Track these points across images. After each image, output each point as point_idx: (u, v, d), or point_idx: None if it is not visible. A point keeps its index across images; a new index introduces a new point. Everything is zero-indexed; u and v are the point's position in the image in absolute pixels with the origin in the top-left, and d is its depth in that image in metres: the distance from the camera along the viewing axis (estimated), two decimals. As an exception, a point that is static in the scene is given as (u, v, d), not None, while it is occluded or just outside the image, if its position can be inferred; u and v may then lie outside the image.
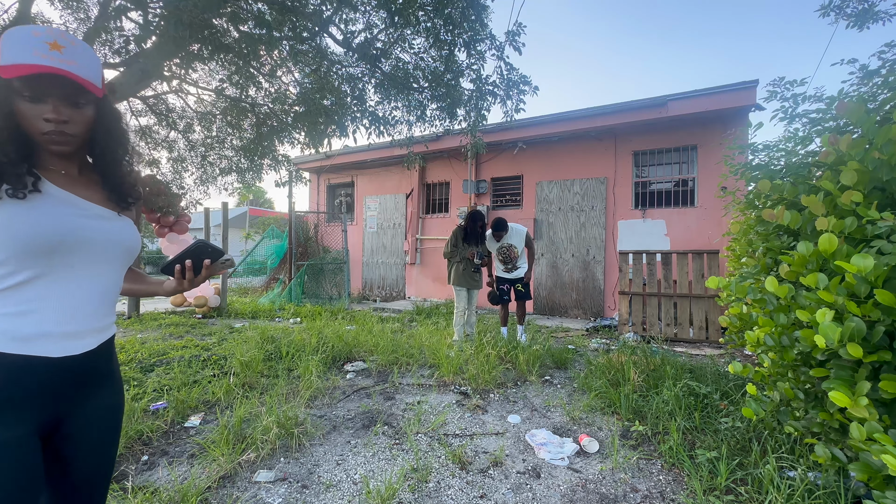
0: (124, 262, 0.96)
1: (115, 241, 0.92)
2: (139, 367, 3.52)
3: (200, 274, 1.02)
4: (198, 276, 1.02)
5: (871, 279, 1.25)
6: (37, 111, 0.81)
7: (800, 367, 1.73)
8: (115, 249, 0.92)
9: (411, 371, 3.65)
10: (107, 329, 0.95)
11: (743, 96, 5.77)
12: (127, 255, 0.96)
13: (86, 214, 0.88)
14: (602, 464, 2.14)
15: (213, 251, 1.01)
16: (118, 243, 0.92)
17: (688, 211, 6.58)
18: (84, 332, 0.87)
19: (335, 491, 1.88)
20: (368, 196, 10.03)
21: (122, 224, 0.95)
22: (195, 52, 3.75)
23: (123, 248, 0.94)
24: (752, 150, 2.90)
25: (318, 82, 4.79)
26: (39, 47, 0.78)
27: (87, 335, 0.88)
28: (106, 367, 0.96)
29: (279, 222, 16.62)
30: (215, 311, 6.73)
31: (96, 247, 0.87)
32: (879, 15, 4.61)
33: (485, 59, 4.89)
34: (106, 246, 0.89)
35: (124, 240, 0.94)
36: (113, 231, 0.92)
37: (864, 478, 1.31)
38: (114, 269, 0.93)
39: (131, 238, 0.96)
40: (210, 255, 1.01)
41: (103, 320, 0.92)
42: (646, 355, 3.49)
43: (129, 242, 0.95)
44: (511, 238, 4.64)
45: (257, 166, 6.36)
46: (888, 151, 1.42)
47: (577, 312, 7.29)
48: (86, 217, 0.87)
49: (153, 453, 2.20)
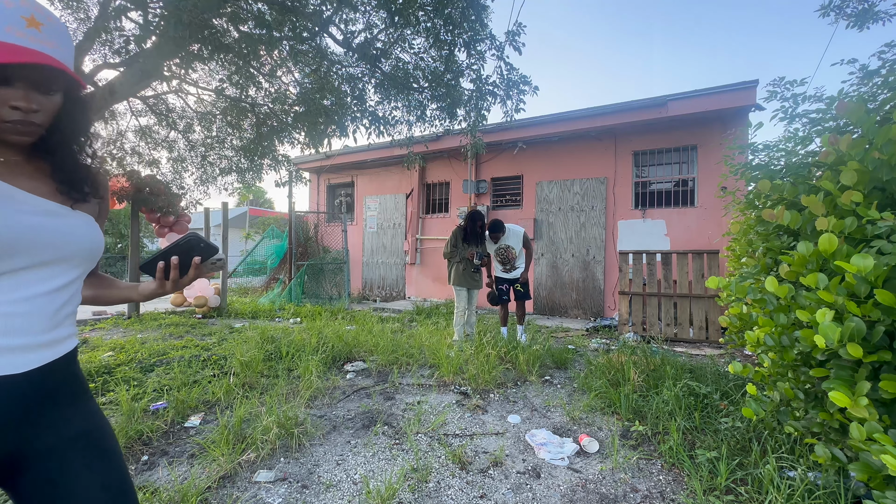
0: (81, 265, 0.82)
1: (66, 242, 0.77)
2: (139, 367, 3.53)
3: (187, 274, 0.89)
4: (184, 277, 0.89)
5: (871, 279, 1.25)
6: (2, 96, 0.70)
7: (800, 367, 1.73)
8: (66, 250, 0.77)
9: (411, 371, 3.65)
10: (62, 342, 0.79)
11: (743, 96, 5.77)
12: (84, 256, 0.81)
13: (28, 210, 0.74)
14: (602, 464, 2.14)
15: (206, 247, 0.88)
16: (70, 244, 0.78)
17: (688, 211, 6.58)
18: (32, 346, 0.73)
19: (335, 491, 1.88)
20: (368, 196, 10.03)
21: (76, 221, 0.81)
22: (195, 52, 3.75)
23: (78, 249, 0.80)
24: (752, 150, 2.90)
25: (318, 82, 4.79)
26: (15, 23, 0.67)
27: (36, 349, 0.74)
28: (68, 387, 0.81)
29: (279, 222, 16.63)
30: (215, 311, 6.73)
31: (42, 248, 0.74)
32: (879, 15, 4.61)
33: (485, 59, 4.89)
34: (55, 247, 0.76)
35: (77, 239, 0.80)
36: (63, 229, 0.77)
37: (864, 478, 1.31)
38: (67, 273, 0.79)
39: (86, 237, 0.82)
40: (201, 252, 0.88)
41: (57, 332, 0.78)
42: (646, 355, 3.49)
43: (85, 242, 0.81)
44: (508, 239, 4.65)
45: (257, 166, 6.36)
46: (888, 151, 1.42)
47: (577, 312, 7.29)
48: (28, 213, 0.73)
49: (153, 453, 2.20)
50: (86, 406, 0.83)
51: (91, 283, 0.96)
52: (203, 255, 0.89)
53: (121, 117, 6.34)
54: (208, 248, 0.89)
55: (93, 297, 0.96)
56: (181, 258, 0.87)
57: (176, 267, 0.87)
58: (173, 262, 0.87)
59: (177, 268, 0.87)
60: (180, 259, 0.87)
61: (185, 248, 0.87)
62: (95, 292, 0.96)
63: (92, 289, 0.96)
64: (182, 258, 0.87)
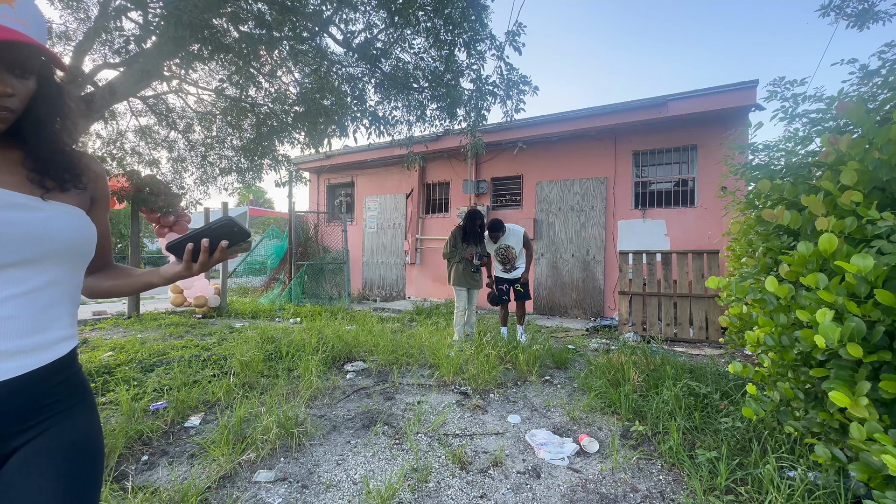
0: (64, 261, 0.74)
1: (38, 237, 0.69)
2: (139, 367, 3.53)
3: (213, 256, 0.85)
4: (210, 258, 0.85)
5: (871, 279, 1.25)
6: None
7: (800, 367, 1.73)
8: (39, 247, 0.69)
9: (411, 371, 3.65)
10: (52, 346, 0.72)
11: (743, 96, 5.77)
12: (65, 252, 0.73)
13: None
14: (602, 464, 2.14)
15: (238, 232, 0.85)
16: (43, 239, 0.69)
17: (688, 211, 6.58)
18: (11, 352, 0.66)
19: (335, 491, 1.88)
20: (368, 196, 10.03)
21: (50, 213, 0.72)
22: (195, 52, 3.75)
23: (55, 245, 0.71)
24: (752, 150, 2.90)
25: (318, 82, 4.79)
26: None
27: (15, 356, 0.66)
28: (57, 396, 0.73)
29: (279, 222, 16.64)
30: (215, 311, 6.73)
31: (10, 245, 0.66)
32: (879, 15, 4.61)
33: (485, 59, 4.89)
34: (22, 244, 0.67)
35: (53, 234, 0.71)
36: (32, 223, 0.69)
37: (864, 478, 1.31)
38: (47, 271, 0.71)
39: (64, 230, 0.73)
40: (234, 236, 0.85)
41: (42, 335, 0.70)
42: (646, 355, 3.49)
43: (62, 236, 0.72)
44: (508, 239, 4.64)
45: (257, 166, 6.36)
46: (888, 151, 1.42)
47: (577, 312, 7.29)
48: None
49: (153, 453, 2.20)
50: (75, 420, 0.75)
51: (106, 275, 0.91)
52: (233, 240, 0.85)
53: (121, 117, 6.34)
54: (241, 233, 0.85)
55: (110, 288, 0.90)
56: (211, 241, 0.84)
57: (206, 250, 0.83)
58: (204, 244, 0.83)
59: (206, 251, 0.83)
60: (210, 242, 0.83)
61: (217, 232, 0.83)
62: (112, 283, 0.90)
63: (108, 280, 0.91)
64: (212, 241, 0.84)
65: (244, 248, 0.88)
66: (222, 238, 0.84)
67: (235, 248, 0.86)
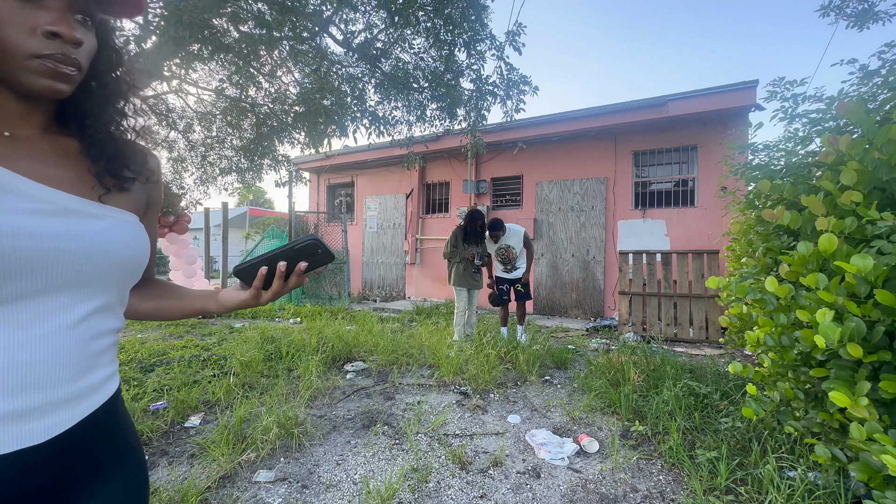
0: (117, 284, 0.59)
1: (98, 252, 0.54)
2: (139, 367, 3.53)
3: (288, 282, 0.68)
4: (285, 285, 0.68)
5: (871, 279, 1.25)
6: (28, 19, 0.48)
7: (800, 367, 1.73)
8: (97, 266, 0.54)
9: (411, 371, 3.65)
10: (99, 388, 0.58)
11: (743, 96, 5.77)
12: (119, 274, 0.58)
13: (40, 210, 0.50)
14: (602, 464, 2.14)
15: (323, 255, 0.68)
16: (103, 255, 0.54)
17: (688, 211, 6.58)
18: (56, 403, 0.51)
19: (335, 491, 1.88)
20: (368, 196, 10.03)
21: (110, 223, 0.57)
22: (195, 52, 3.75)
23: (110, 264, 0.56)
24: (752, 150, 2.90)
25: (318, 82, 4.79)
26: None
27: (61, 406, 0.52)
28: (104, 449, 0.59)
29: (279, 222, 16.63)
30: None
31: (66, 265, 0.51)
32: (879, 15, 4.61)
33: (485, 59, 4.89)
34: (82, 261, 0.52)
35: (112, 248, 0.56)
36: (92, 235, 0.54)
37: (864, 478, 1.31)
38: (97, 296, 0.56)
39: (123, 245, 0.57)
40: (316, 259, 0.68)
41: (90, 376, 0.56)
42: (646, 355, 3.49)
43: (120, 252, 0.57)
44: (509, 239, 4.64)
45: (257, 166, 6.36)
46: (888, 151, 1.42)
47: (577, 312, 7.29)
48: (40, 215, 0.50)
49: (153, 453, 2.20)
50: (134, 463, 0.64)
51: (148, 294, 0.73)
52: (313, 262, 0.69)
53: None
54: (325, 255, 0.69)
55: (152, 310, 0.73)
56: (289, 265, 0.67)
57: (282, 276, 0.66)
58: (280, 268, 0.66)
59: (282, 276, 0.66)
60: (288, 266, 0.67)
61: (298, 255, 0.67)
62: (156, 304, 0.73)
63: (150, 300, 0.73)
64: (290, 265, 0.67)
65: (320, 272, 0.73)
66: (301, 260, 0.68)
67: (311, 272, 0.70)
